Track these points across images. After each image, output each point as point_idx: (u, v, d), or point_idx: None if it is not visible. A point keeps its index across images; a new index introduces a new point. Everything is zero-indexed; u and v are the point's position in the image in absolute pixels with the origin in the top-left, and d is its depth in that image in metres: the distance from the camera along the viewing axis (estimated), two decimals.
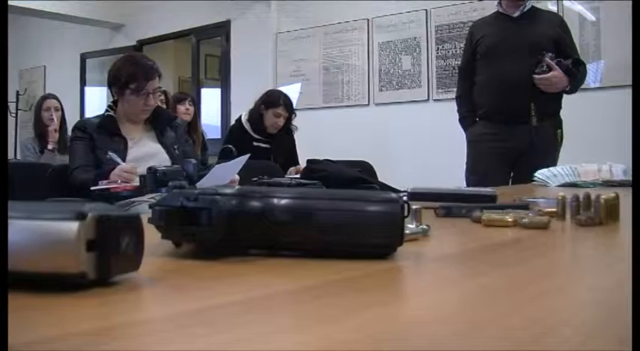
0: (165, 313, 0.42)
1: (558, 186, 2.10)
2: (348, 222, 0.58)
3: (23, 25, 8.91)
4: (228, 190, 0.58)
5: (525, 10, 3.36)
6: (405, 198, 0.73)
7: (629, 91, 4.51)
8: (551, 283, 0.53)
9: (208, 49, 8.20)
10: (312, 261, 0.58)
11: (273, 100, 3.98)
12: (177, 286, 0.50)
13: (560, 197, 0.94)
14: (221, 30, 7.30)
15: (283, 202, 0.58)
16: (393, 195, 0.60)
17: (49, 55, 9.24)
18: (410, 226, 0.74)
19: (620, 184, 2.00)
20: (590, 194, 0.92)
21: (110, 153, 2.58)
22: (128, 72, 2.72)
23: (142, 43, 8.18)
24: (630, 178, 2.02)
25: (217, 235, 0.57)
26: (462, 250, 0.72)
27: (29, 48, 9.29)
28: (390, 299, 0.47)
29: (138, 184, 2.45)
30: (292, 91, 6.03)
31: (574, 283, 0.54)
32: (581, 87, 3.42)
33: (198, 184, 2.40)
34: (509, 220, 0.87)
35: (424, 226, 0.77)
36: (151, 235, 0.60)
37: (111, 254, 0.45)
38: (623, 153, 3.73)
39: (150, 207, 0.60)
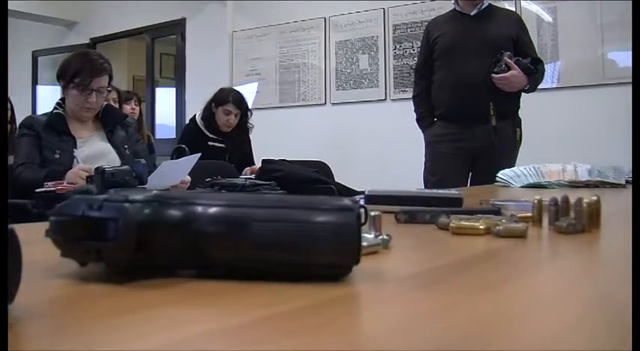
0: None
1: (522, 187, 2.02)
2: (291, 235, 0.46)
3: None
4: (140, 196, 0.46)
5: (482, 8, 3.29)
6: (361, 202, 0.62)
7: (586, 91, 4.60)
8: (546, 312, 0.42)
9: (163, 48, 8.05)
10: (249, 285, 0.46)
11: (222, 97, 3.89)
12: (62, 324, 0.37)
13: (536, 201, 0.84)
14: (176, 28, 7.15)
15: (210, 210, 0.46)
16: (348, 202, 0.48)
17: None
18: (367, 236, 0.63)
19: (586, 184, 1.93)
20: (568, 197, 0.82)
21: (75, 152, 2.55)
22: (75, 66, 2.63)
23: (95, 41, 7.99)
24: (595, 179, 1.96)
25: (126, 252, 0.45)
26: (432, 267, 0.60)
27: None
28: (352, 342, 0.35)
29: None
30: (248, 90, 5.92)
31: (571, 306, 0.43)
32: (538, 87, 3.37)
33: (147, 182, 2.32)
34: (481, 227, 0.77)
35: (384, 236, 0.66)
36: (53, 251, 0.48)
37: None
38: (582, 152, 3.74)
39: (47, 216, 0.48)
